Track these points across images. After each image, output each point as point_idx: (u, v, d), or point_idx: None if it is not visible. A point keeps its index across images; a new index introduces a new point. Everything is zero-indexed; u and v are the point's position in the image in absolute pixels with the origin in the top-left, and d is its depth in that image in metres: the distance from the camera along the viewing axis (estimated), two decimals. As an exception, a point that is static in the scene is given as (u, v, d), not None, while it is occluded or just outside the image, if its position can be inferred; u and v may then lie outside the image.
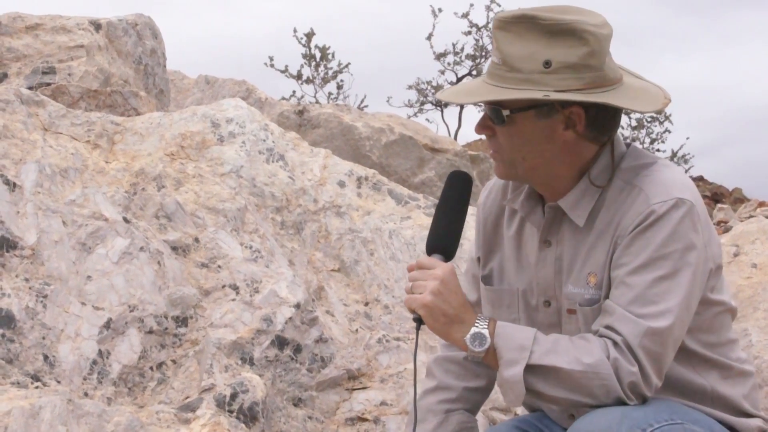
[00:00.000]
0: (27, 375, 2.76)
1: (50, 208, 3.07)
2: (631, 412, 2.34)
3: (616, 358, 2.36)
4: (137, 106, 4.60)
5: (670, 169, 2.52)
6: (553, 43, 2.43)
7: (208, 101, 7.94)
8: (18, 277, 2.90)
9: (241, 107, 3.82)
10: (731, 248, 5.44)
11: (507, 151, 2.54)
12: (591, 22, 2.46)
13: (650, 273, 2.40)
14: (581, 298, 2.52)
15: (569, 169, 2.55)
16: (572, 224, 2.56)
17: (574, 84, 2.44)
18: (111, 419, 2.71)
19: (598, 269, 2.51)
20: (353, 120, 7.69)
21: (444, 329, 2.44)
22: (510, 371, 2.39)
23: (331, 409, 3.30)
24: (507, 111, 2.48)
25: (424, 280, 2.45)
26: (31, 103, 3.36)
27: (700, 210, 2.46)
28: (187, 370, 3.07)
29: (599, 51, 2.45)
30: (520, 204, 2.65)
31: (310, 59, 19.71)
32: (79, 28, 4.86)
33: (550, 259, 2.59)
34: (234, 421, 2.92)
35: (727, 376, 2.58)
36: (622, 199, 2.50)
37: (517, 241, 2.68)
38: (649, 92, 2.57)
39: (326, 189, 3.79)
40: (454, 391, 2.84)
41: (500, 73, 2.48)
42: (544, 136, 2.50)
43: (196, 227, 3.36)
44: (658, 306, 2.39)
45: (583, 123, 2.48)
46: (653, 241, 2.41)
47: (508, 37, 2.47)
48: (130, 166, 3.41)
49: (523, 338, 2.41)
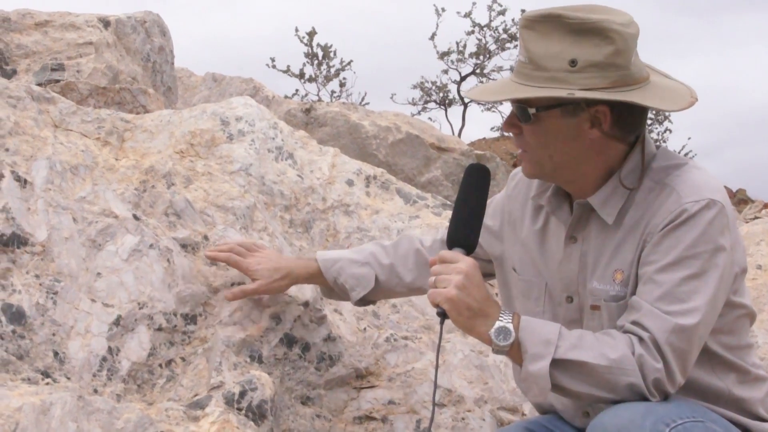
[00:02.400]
0: (37, 371, 2.77)
1: (60, 204, 3.08)
2: (655, 408, 2.35)
3: (641, 354, 2.37)
4: (146, 104, 4.61)
5: (701, 170, 2.54)
6: (579, 41, 2.45)
7: (215, 99, 7.95)
8: (28, 273, 2.91)
9: (251, 105, 3.83)
10: (736, 249, 5.44)
11: (534, 149, 2.55)
12: (617, 21, 2.47)
13: (679, 271, 2.41)
14: (606, 294, 2.54)
15: (596, 167, 2.56)
16: (599, 221, 2.57)
17: (599, 83, 2.45)
18: (121, 416, 2.72)
19: (625, 266, 2.52)
20: (360, 118, 7.70)
21: (468, 323, 2.46)
22: (536, 365, 2.40)
23: (339, 407, 3.31)
24: (533, 109, 2.50)
25: (448, 274, 2.46)
26: (41, 99, 3.37)
27: (729, 213, 2.48)
28: (196, 367, 3.07)
29: (625, 50, 2.46)
30: (547, 200, 2.67)
31: (312, 58, 19.71)
32: (88, 25, 4.87)
33: (575, 255, 2.60)
34: (243, 418, 2.93)
35: (744, 381, 2.60)
36: (652, 197, 2.51)
37: (541, 236, 2.70)
38: (676, 91, 2.58)
39: (335, 188, 3.80)
40: (388, 258, 3.09)
41: (527, 71, 2.50)
42: (570, 134, 2.51)
43: (205, 225, 3.36)
44: (686, 304, 2.40)
45: (609, 122, 2.49)
46: (684, 239, 2.42)
47: (534, 36, 2.49)
48: (140, 164, 3.41)
49: (549, 332, 2.42)
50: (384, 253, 3.07)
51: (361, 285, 3.03)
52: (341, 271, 3.06)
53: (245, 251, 3.15)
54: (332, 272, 3.06)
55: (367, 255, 3.08)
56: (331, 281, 3.07)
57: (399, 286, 3.08)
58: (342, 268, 3.06)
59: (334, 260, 3.08)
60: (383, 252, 3.08)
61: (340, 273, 3.06)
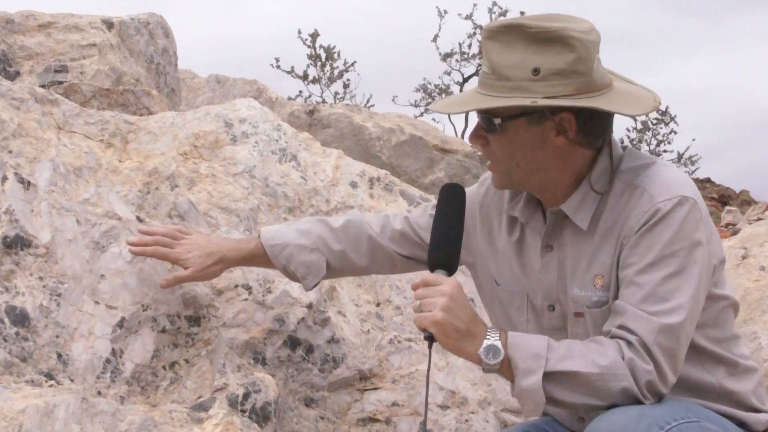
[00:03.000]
0: (41, 373, 2.77)
1: (64, 206, 3.08)
2: (649, 411, 2.36)
3: (631, 358, 2.38)
4: (149, 105, 4.60)
5: (669, 168, 2.55)
6: (541, 50, 2.47)
7: (219, 100, 7.95)
8: (32, 275, 2.91)
9: (254, 107, 3.83)
10: (739, 251, 5.43)
11: (501, 159, 2.56)
12: (578, 28, 2.50)
13: (659, 271, 2.43)
14: (588, 301, 2.54)
15: (565, 174, 2.57)
16: (574, 228, 2.58)
17: (562, 90, 2.47)
18: (125, 418, 2.72)
19: (604, 271, 2.52)
20: (364, 120, 7.69)
21: (456, 345, 2.45)
22: (528, 380, 2.39)
23: (343, 409, 3.31)
24: (498, 119, 2.51)
25: (432, 297, 2.45)
26: (45, 101, 3.37)
27: (702, 207, 2.50)
28: (200, 369, 3.07)
29: (587, 57, 2.48)
30: (520, 211, 2.68)
31: (315, 59, 19.72)
32: (91, 26, 4.86)
33: (552, 264, 2.61)
34: (246, 420, 2.93)
35: (733, 373, 2.61)
36: (624, 200, 2.52)
37: (518, 247, 2.70)
38: (639, 96, 2.60)
39: (338, 189, 3.80)
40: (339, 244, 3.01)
41: (490, 82, 2.51)
42: (536, 142, 2.52)
43: (209, 227, 3.36)
44: (670, 303, 2.41)
45: (574, 128, 2.51)
46: (660, 239, 2.44)
47: (496, 47, 2.50)
48: (144, 166, 3.41)
49: (537, 346, 2.42)
50: (333, 238, 3.01)
51: (312, 273, 3.00)
52: (291, 258, 2.99)
53: (171, 240, 3.04)
54: (281, 259, 2.99)
55: (315, 239, 3.00)
56: (280, 268, 3.02)
57: (351, 270, 3.09)
58: (291, 255, 2.99)
59: (281, 246, 2.99)
60: (332, 236, 3.01)
61: (289, 260, 2.99)
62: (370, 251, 3.00)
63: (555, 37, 2.46)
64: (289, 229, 3.02)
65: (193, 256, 3.00)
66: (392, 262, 3.02)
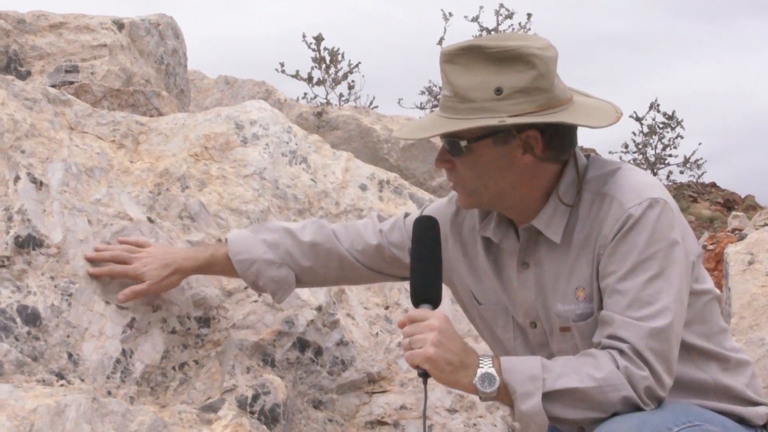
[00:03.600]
0: (52, 373, 2.78)
1: (76, 207, 3.09)
2: (650, 417, 2.36)
3: (626, 365, 2.39)
4: (159, 106, 4.61)
5: (634, 172, 2.57)
6: (502, 69, 2.47)
7: (228, 101, 7.96)
8: (44, 275, 2.92)
9: (265, 109, 3.84)
10: (746, 256, 5.43)
11: (468, 181, 2.56)
12: (536, 45, 2.51)
13: (640, 276, 2.44)
14: (573, 314, 2.55)
15: (534, 190, 2.58)
16: (549, 243, 2.58)
17: (527, 108, 2.47)
18: (135, 418, 2.73)
19: (585, 283, 2.53)
20: (372, 122, 7.70)
21: (451, 378, 2.45)
22: (527, 404, 2.39)
23: (351, 412, 3.32)
24: (464, 141, 2.51)
25: (421, 334, 2.45)
26: (57, 102, 3.38)
27: (672, 206, 2.51)
28: (209, 370, 3.08)
29: (547, 73, 2.49)
30: (492, 231, 2.68)
31: (320, 62, 19.72)
32: (102, 27, 4.88)
33: (530, 281, 2.61)
34: (255, 422, 2.94)
35: (726, 368, 2.62)
36: (595, 210, 2.53)
37: (496, 267, 2.70)
38: (601, 108, 2.62)
39: (348, 192, 3.81)
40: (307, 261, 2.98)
41: (453, 105, 2.51)
42: (503, 162, 2.53)
43: (219, 228, 3.37)
44: (655, 306, 2.43)
45: (541, 145, 2.52)
46: (636, 244, 2.45)
47: (456, 69, 2.50)
48: (155, 167, 3.42)
49: (532, 368, 2.42)
50: (301, 254, 2.98)
51: (282, 288, 2.99)
52: (260, 274, 2.97)
53: (128, 255, 3.01)
54: (250, 275, 2.98)
55: (282, 254, 2.98)
56: (249, 282, 3.01)
57: (320, 284, 3.11)
58: (260, 270, 2.96)
59: (249, 261, 2.96)
60: (300, 252, 2.98)
61: (258, 276, 2.97)
62: (339, 268, 2.99)
63: (514, 56, 2.46)
64: (257, 241, 2.99)
65: (150, 269, 2.98)
66: (361, 277, 3.03)
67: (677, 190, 25.56)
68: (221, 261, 3.00)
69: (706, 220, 22.37)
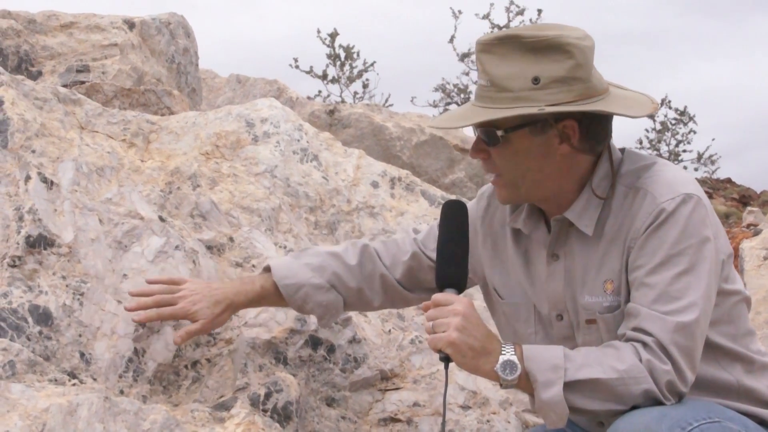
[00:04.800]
0: (64, 372, 2.78)
1: (87, 206, 3.09)
2: (670, 411, 2.35)
3: (649, 359, 2.38)
4: (170, 105, 4.62)
5: (669, 167, 2.56)
6: (539, 59, 2.47)
7: (239, 100, 7.97)
8: (55, 274, 2.92)
9: (276, 107, 3.83)
10: (761, 251, 5.41)
11: (505, 171, 2.55)
12: (573, 35, 2.51)
13: (669, 270, 2.43)
14: (600, 307, 2.54)
15: (569, 182, 2.57)
16: (580, 235, 2.57)
17: (564, 97, 2.47)
18: (147, 417, 2.72)
19: (614, 276, 2.52)
20: (384, 120, 7.70)
21: (473, 363, 2.44)
22: (548, 393, 2.38)
23: (364, 409, 3.31)
24: (501, 131, 2.50)
25: (445, 318, 2.44)
26: (68, 101, 3.38)
27: (706, 203, 2.50)
28: (222, 369, 3.08)
29: (585, 63, 2.49)
30: (523, 223, 2.67)
31: (334, 59, 19.72)
32: (113, 26, 4.89)
33: (559, 273, 2.60)
34: (268, 420, 2.93)
35: (750, 370, 2.61)
36: (628, 203, 2.52)
37: (525, 259, 2.69)
38: (636, 99, 2.62)
39: (359, 189, 3.80)
40: (356, 282, 2.93)
41: (490, 94, 2.50)
42: (540, 152, 2.52)
43: (230, 226, 3.37)
44: (682, 301, 2.41)
45: (578, 135, 2.51)
46: (667, 238, 2.44)
47: (493, 59, 2.50)
48: (166, 165, 3.42)
49: (554, 357, 2.41)
50: (349, 275, 2.93)
51: (329, 313, 2.95)
52: (307, 299, 2.91)
53: (170, 296, 2.91)
54: (297, 300, 2.92)
55: (330, 277, 2.92)
56: (296, 307, 2.95)
57: (365, 307, 3.06)
58: (308, 295, 2.91)
59: (296, 286, 2.91)
60: (348, 273, 2.93)
61: (306, 301, 2.92)
62: (382, 288, 2.95)
63: (552, 45, 2.46)
64: (300, 265, 2.93)
65: (201, 307, 2.89)
66: (402, 298, 2.99)
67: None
68: (272, 291, 2.93)
69: (721, 216, 22.32)
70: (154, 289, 2.93)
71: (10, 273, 2.85)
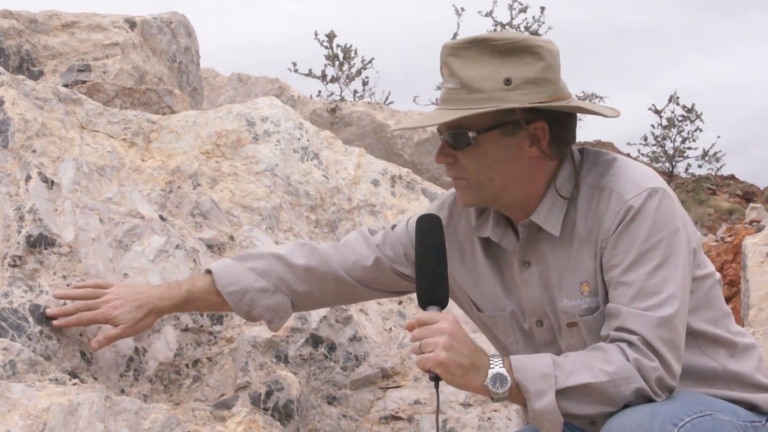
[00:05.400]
0: (65, 371, 2.78)
1: (87, 205, 3.09)
2: (661, 408, 2.36)
3: (636, 357, 2.39)
4: (172, 104, 4.62)
5: (630, 163, 2.60)
6: (509, 61, 2.49)
7: (241, 99, 7.97)
8: (56, 274, 2.92)
9: (276, 106, 3.83)
10: (764, 248, 5.41)
11: (474, 174, 2.54)
12: (540, 40, 2.56)
13: (644, 266, 2.44)
14: (579, 309, 2.54)
15: (534, 186, 2.58)
16: (550, 239, 2.57)
17: (537, 98, 2.49)
18: (148, 416, 2.73)
19: (589, 277, 2.53)
20: (385, 118, 7.70)
21: (463, 380, 2.43)
22: (541, 402, 2.38)
23: (365, 407, 3.31)
24: (473, 132, 2.50)
25: (431, 337, 2.43)
26: (68, 101, 3.39)
27: (671, 194, 2.53)
28: (223, 367, 3.08)
29: (554, 65, 2.53)
30: (491, 231, 2.66)
31: (333, 59, 19.73)
32: (114, 26, 4.89)
33: (533, 279, 2.60)
34: (269, 418, 2.93)
35: (733, 354, 2.62)
36: (594, 204, 2.53)
37: (496, 268, 2.68)
38: (600, 105, 2.66)
39: (360, 187, 3.80)
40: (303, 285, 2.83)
41: (460, 96, 2.51)
42: (509, 154, 2.53)
43: (231, 225, 3.37)
44: (661, 295, 2.43)
45: (547, 138, 2.53)
46: (639, 234, 2.46)
47: (462, 62, 2.51)
48: (166, 164, 3.43)
49: (543, 365, 2.41)
50: (295, 278, 2.83)
51: (278, 316, 2.85)
52: (254, 304, 2.81)
53: (93, 301, 2.82)
54: (243, 305, 2.82)
55: (275, 281, 2.82)
56: (242, 313, 2.85)
57: (317, 306, 3.00)
58: (254, 300, 2.81)
59: (241, 292, 2.80)
60: (293, 277, 2.83)
61: (252, 306, 2.81)
62: (335, 290, 2.87)
63: (522, 48, 2.48)
64: (244, 269, 2.84)
65: (122, 312, 2.80)
66: (358, 296, 2.93)
67: (696, 183, 25.48)
68: (201, 296, 2.84)
69: (725, 212, 22.28)
70: (78, 293, 2.87)
71: (11, 273, 2.85)
